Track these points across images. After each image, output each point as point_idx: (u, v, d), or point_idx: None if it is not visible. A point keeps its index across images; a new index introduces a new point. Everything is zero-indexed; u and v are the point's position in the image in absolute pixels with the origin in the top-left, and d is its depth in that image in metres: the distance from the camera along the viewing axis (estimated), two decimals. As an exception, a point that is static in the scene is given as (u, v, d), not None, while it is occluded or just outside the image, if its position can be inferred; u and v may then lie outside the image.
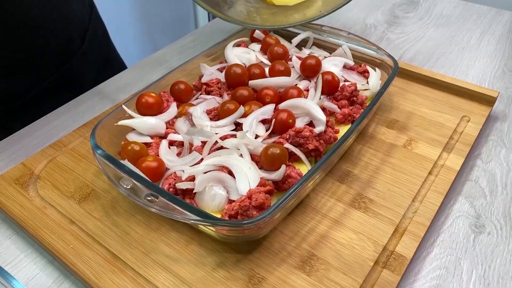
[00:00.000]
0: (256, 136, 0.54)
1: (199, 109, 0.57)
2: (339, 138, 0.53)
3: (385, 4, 1.01)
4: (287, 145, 0.52)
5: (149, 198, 0.45)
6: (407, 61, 0.81)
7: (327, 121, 0.56)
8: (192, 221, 0.43)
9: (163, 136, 0.56)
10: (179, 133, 0.56)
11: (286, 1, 0.68)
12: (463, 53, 0.84)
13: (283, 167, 0.48)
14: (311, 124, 0.56)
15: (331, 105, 0.59)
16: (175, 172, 0.51)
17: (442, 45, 0.86)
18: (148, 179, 0.48)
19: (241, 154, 0.50)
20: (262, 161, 0.49)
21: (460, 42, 0.87)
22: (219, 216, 0.47)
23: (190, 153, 0.52)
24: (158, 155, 0.53)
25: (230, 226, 0.43)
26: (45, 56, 0.73)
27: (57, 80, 0.76)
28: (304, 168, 0.52)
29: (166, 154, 0.53)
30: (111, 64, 0.91)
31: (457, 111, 0.66)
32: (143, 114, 0.57)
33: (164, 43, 1.00)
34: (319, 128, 0.52)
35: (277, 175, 0.48)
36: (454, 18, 0.94)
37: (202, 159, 0.51)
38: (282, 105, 0.57)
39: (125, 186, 0.47)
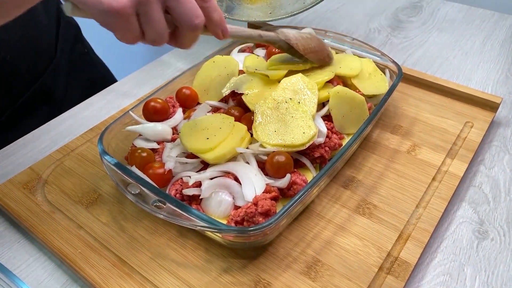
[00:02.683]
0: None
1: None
2: (343, 145, 0.54)
3: (388, 8, 1.01)
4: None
5: (156, 204, 0.46)
6: (410, 66, 0.81)
7: (332, 128, 0.56)
8: (199, 228, 0.44)
9: (170, 142, 0.57)
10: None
11: None
12: (466, 58, 0.84)
13: (288, 176, 0.48)
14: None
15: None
16: (181, 178, 0.51)
17: (446, 49, 0.87)
18: (156, 185, 0.48)
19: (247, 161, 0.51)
20: (268, 168, 0.50)
21: (464, 46, 0.87)
22: (225, 222, 0.48)
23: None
24: (165, 161, 0.53)
25: (236, 233, 0.43)
26: (15, 74, 0.71)
27: (33, 97, 0.74)
28: (309, 174, 0.53)
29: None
30: (93, 71, 0.89)
31: (461, 117, 0.67)
32: (150, 120, 0.57)
33: (169, 46, 1.01)
34: (319, 140, 0.53)
35: (282, 183, 0.48)
36: (458, 23, 0.95)
37: (208, 165, 0.52)
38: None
39: (132, 192, 0.47)
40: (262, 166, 0.51)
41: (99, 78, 0.90)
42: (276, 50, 0.65)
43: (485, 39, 0.89)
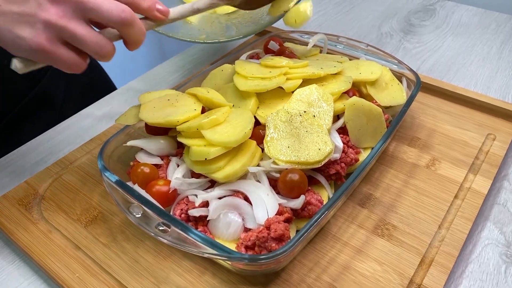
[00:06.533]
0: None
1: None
2: (361, 161, 0.50)
3: (400, 11, 0.97)
4: (306, 168, 0.49)
5: (161, 228, 0.42)
6: (425, 72, 0.78)
7: (347, 141, 0.53)
8: (207, 255, 0.40)
9: (175, 156, 0.53)
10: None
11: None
12: (483, 64, 0.80)
13: (303, 197, 0.45)
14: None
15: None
16: (187, 196, 0.48)
17: (461, 55, 0.83)
18: (160, 206, 0.45)
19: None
20: (280, 187, 0.46)
21: (480, 52, 0.83)
22: (234, 245, 0.44)
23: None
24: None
25: (247, 261, 0.40)
26: (14, 78, 0.68)
27: (32, 101, 0.72)
28: (324, 192, 0.49)
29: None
30: (92, 74, 0.86)
31: (482, 128, 0.63)
32: (153, 133, 0.54)
33: (174, 50, 0.97)
34: (335, 155, 0.49)
35: (296, 204, 0.45)
36: (473, 27, 0.91)
37: (215, 182, 0.49)
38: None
39: (135, 214, 0.44)
40: (273, 183, 0.48)
41: (97, 81, 0.87)
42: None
43: (502, 44, 0.85)
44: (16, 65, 0.41)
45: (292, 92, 0.53)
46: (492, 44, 0.86)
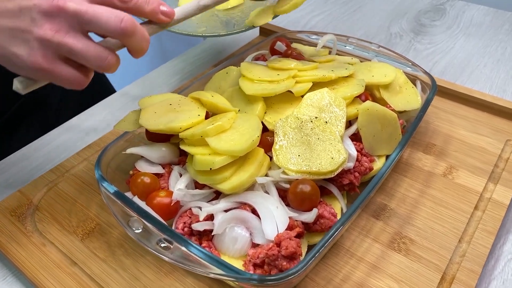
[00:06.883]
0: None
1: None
2: (376, 170, 0.47)
3: (409, 11, 0.94)
4: (317, 178, 0.46)
5: (163, 245, 0.39)
6: (438, 75, 0.75)
7: (361, 149, 0.50)
8: (212, 275, 0.37)
9: (177, 164, 0.50)
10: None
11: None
12: (498, 66, 0.77)
13: (315, 210, 0.41)
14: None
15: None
16: (190, 209, 0.44)
17: (475, 56, 0.80)
18: (161, 220, 0.42)
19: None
20: (290, 199, 0.43)
21: (494, 53, 0.80)
22: (241, 262, 0.41)
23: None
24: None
25: (258, 283, 0.37)
26: (4, 81, 0.67)
27: (26, 104, 0.70)
28: (336, 203, 0.46)
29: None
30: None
31: (500, 134, 0.60)
32: (153, 139, 0.51)
33: (175, 51, 0.94)
34: (348, 164, 0.46)
35: (308, 217, 0.42)
36: (485, 27, 0.88)
37: (220, 193, 0.45)
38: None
39: (134, 229, 0.41)
40: (283, 195, 0.45)
41: (95, 83, 0.84)
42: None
43: (517, 45, 0.82)
44: (17, 85, 0.39)
45: (302, 96, 0.50)
46: (506, 45, 0.82)
